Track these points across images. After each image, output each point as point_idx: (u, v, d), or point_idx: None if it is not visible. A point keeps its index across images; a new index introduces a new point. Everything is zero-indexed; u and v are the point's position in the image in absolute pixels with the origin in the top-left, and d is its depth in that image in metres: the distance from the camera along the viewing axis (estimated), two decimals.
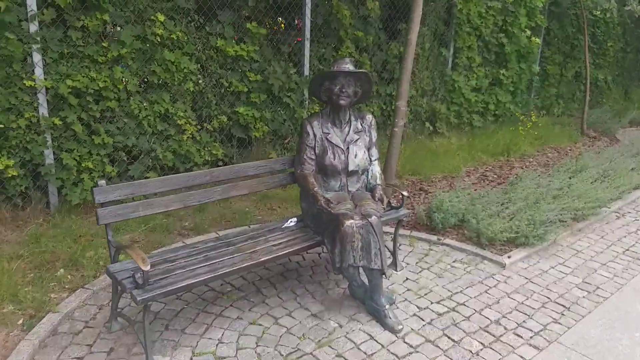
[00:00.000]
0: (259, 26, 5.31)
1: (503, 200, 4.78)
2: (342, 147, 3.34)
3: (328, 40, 6.08)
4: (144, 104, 4.69)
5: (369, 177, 3.43)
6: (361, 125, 3.44)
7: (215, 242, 3.07)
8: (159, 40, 4.62)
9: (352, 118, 3.43)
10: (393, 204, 3.77)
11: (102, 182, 2.73)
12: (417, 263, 3.98)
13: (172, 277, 2.61)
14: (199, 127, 5.12)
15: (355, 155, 3.34)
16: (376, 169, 3.45)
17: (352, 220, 2.96)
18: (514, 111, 8.76)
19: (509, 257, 4.08)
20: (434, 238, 4.34)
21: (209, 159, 5.22)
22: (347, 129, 3.40)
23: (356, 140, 3.38)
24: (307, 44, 5.78)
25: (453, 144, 7.37)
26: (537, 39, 8.33)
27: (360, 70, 3.27)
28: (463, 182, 5.94)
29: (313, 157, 3.35)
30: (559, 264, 4.14)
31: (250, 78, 5.33)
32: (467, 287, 3.66)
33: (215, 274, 2.67)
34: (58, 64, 4.20)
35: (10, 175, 4.11)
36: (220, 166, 5.43)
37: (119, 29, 4.46)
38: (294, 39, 5.81)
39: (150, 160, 4.88)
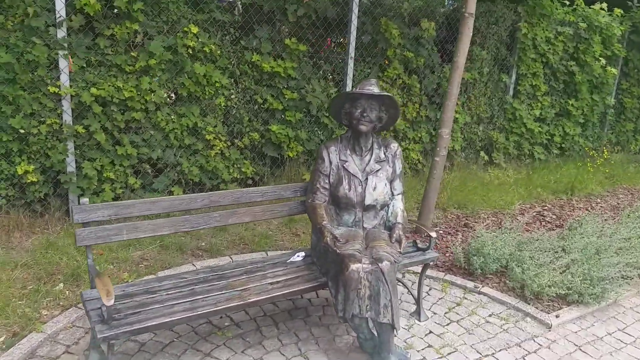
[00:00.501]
0: (298, 42, 5.04)
1: (557, 248, 4.16)
2: (360, 178, 2.94)
3: (375, 60, 5.72)
4: (172, 117, 4.52)
5: (389, 213, 3.00)
6: (384, 154, 3.03)
7: (207, 273, 2.75)
8: (191, 52, 4.45)
9: (375, 146, 3.04)
10: (420, 245, 3.31)
11: (85, 200, 2.49)
12: (445, 313, 3.47)
13: (144, 313, 2.31)
14: (228, 143, 4.89)
15: (375, 187, 2.94)
16: (398, 205, 3.02)
17: (359, 264, 2.55)
18: (584, 145, 7.96)
19: (557, 316, 3.48)
20: (471, 285, 3.81)
21: (238, 177, 4.97)
22: (367, 157, 3.01)
23: (377, 170, 2.97)
24: (351, 63, 5.44)
25: (510, 176, 6.73)
26: (613, 69, 7.54)
27: (384, 94, 2.88)
28: (515, 221, 5.33)
29: (327, 186, 2.98)
30: (618, 329, 3.49)
31: (286, 96, 5.06)
32: (500, 350, 3.12)
33: (194, 313, 2.34)
34: (85, 71, 4.11)
35: (29, 181, 4.03)
36: (250, 185, 5.19)
37: (149, 39, 4.32)
38: (337, 57, 5.49)
39: (176, 174, 4.69)
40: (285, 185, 3.08)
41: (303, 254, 3.06)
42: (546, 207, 5.92)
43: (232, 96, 4.82)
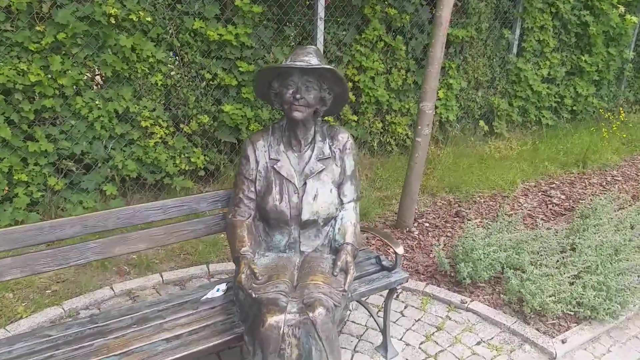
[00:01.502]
0: (252, 3, 4.18)
1: (565, 246, 3.40)
2: (296, 183, 2.18)
3: (350, 20, 4.84)
4: (97, 102, 3.75)
5: (336, 229, 2.24)
6: (330, 148, 2.26)
7: (83, 326, 2.04)
8: (113, 21, 3.63)
9: (318, 137, 2.26)
10: (384, 263, 2.56)
11: None
12: (422, 343, 2.76)
13: None
14: (172, 129, 4.12)
15: (316, 195, 2.17)
16: (349, 217, 2.25)
17: (280, 316, 1.82)
18: (598, 106, 7.05)
19: (563, 341, 2.76)
20: (457, 299, 3.08)
21: (187, 168, 4.22)
22: (307, 154, 2.23)
23: (319, 172, 2.21)
24: (321, 24, 4.58)
25: (513, 149, 5.90)
26: (633, 17, 6.55)
27: (323, 66, 2.08)
28: (516, 205, 4.55)
29: (252, 195, 2.22)
30: None
31: (240, 68, 4.25)
32: None
33: None
34: None
35: None
36: (203, 178, 4.45)
37: (58, 8, 3.51)
38: (303, 18, 4.63)
39: (109, 169, 3.96)
40: (199, 196, 2.33)
41: (225, 286, 2.33)
42: (554, 185, 5.11)
43: (172, 72, 4.02)
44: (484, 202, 4.60)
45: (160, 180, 4.17)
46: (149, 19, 3.74)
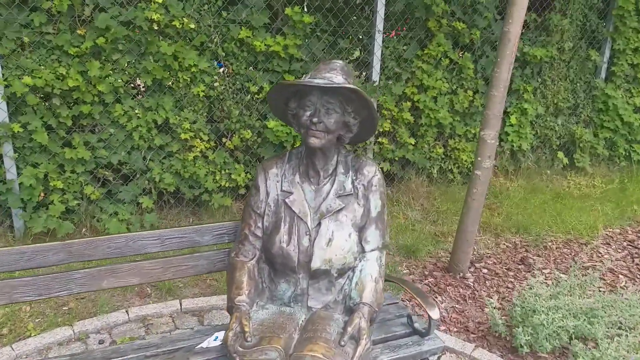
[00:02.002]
0: (303, 12, 3.90)
1: None
2: (309, 222, 1.81)
3: (412, 33, 4.43)
4: (136, 111, 3.60)
5: (353, 283, 1.84)
6: (353, 184, 1.87)
7: None
8: (156, 27, 3.47)
9: (340, 169, 1.88)
10: (417, 325, 2.12)
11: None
12: None
13: None
14: (212, 143, 3.90)
15: (330, 240, 1.79)
16: (370, 269, 1.84)
17: None
18: None
19: None
20: None
21: (227, 185, 3.98)
22: (326, 188, 1.86)
23: (338, 210, 1.82)
24: (379, 38, 4.22)
25: (596, 186, 5.18)
26: None
27: (345, 86, 1.71)
28: (595, 256, 3.90)
29: (259, 233, 1.88)
30: None
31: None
32: None
33: None
34: (20, 55, 3.28)
35: None
36: (244, 195, 4.19)
37: (101, 12, 3.40)
38: (359, 30, 4.28)
39: (146, 182, 3.79)
40: (203, 227, 2.02)
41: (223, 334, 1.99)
42: None
43: (216, 84, 3.81)
44: (556, 248, 3.98)
45: (199, 196, 3.95)
46: (192, 25, 3.54)
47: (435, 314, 1.98)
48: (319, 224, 1.82)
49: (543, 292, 2.79)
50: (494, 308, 2.79)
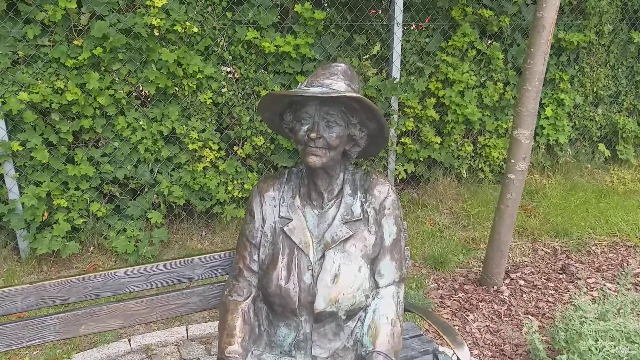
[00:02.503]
0: (316, 7, 3.63)
1: None
2: (311, 255, 1.55)
3: (434, 24, 4.11)
4: (140, 122, 3.40)
5: (365, 326, 1.57)
6: (362, 207, 1.59)
7: None
8: (157, 33, 3.26)
9: (347, 190, 1.61)
10: None
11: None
12: None
13: None
14: (223, 152, 3.68)
15: (336, 275, 1.53)
16: (386, 309, 1.56)
17: None
18: None
19: None
20: None
21: (241, 196, 3.76)
22: (331, 212, 1.59)
23: (345, 240, 1.55)
24: (398, 31, 3.91)
25: None
26: None
27: (345, 94, 1.43)
28: None
29: (256, 267, 1.63)
30: None
31: (298, 83, 3.70)
32: None
33: None
34: (15, 70, 3.13)
35: None
36: None
37: (99, 20, 3.21)
38: (377, 24, 3.98)
39: (155, 195, 3.61)
40: (193, 259, 1.77)
41: None
42: None
43: (224, 90, 3.58)
44: (601, 253, 3.60)
45: (210, 209, 3.74)
46: (195, 29, 3.32)
47: (464, 354, 1.69)
48: (323, 256, 1.55)
49: (589, 310, 2.46)
50: (534, 331, 2.47)
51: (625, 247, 3.68)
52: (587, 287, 3.17)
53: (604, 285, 3.24)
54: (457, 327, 2.84)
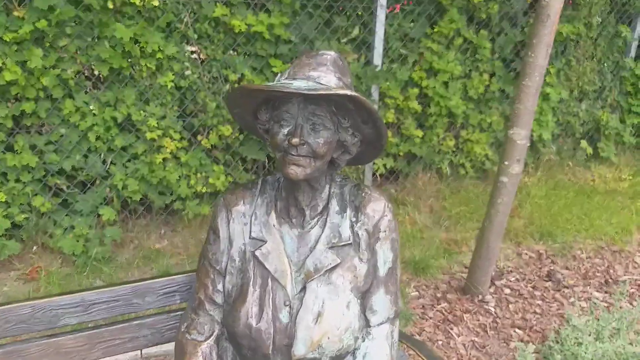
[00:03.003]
0: None
1: None
2: (288, 287, 1.25)
3: (421, 8, 3.81)
4: (91, 107, 3.01)
5: None
6: (353, 228, 1.29)
7: None
8: (111, 6, 2.85)
9: (334, 206, 1.31)
10: None
11: None
12: None
13: None
14: (185, 142, 3.32)
15: (320, 313, 1.24)
16: (379, 352, 1.28)
17: None
18: None
19: None
20: None
21: (205, 191, 3.41)
22: (314, 233, 1.29)
23: (332, 268, 1.26)
24: (382, 13, 3.60)
25: (623, 179, 4.62)
26: None
27: (338, 92, 1.12)
28: (631, 267, 3.37)
29: (219, 299, 1.32)
30: None
31: (275, 68, 3.36)
32: None
33: None
34: None
35: None
36: None
37: None
38: (359, 5, 3.65)
39: (108, 190, 3.22)
40: (144, 284, 1.45)
41: None
42: None
43: (187, 72, 3.20)
44: (586, 258, 3.44)
45: (171, 204, 3.39)
46: (155, 3, 2.92)
47: None
48: (304, 288, 1.26)
49: (584, 330, 2.26)
50: (528, 353, 2.25)
51: (610, 252, 3.53)
52: (574, 297, 2.99)
53: (591, 294, 3.07)
54: (440, 342, 2.62)
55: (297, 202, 1.30)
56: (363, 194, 1.32)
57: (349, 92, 1.11)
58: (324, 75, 1.19)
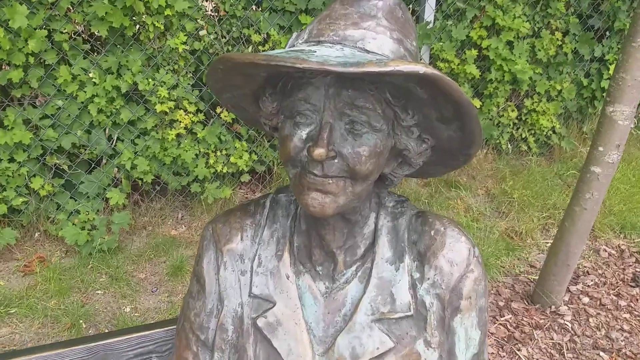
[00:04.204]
0: None
1: None
2: None
3: None
4: (91, 74, 2.56)
5: None
6: (415, 288, 0.79)
7: None
8: None
9: (385, 246, 0.81)
10: None
11: None
12: None
13: None
14: (202, 115, 2.86)
15: None
16: None
17: None
18: None
19: None
20: None
21: (225, 171, 2.97)
22: (350, 291, 0.80)
23: (379, 356, 0.77)
24: None
25: None
26: None
27: (404, 69, 0.59)
28: None
29: None
30: None
31: (303, 25, 2.81)
32: None
33: None
34: None
35: None
36: (248, 182, 3.18)
37: None
38: None
39: (116, 170, 2.82)
40: (114, 341, 1.01)
41: None
42: None
43: (203, 32, 2.70)
44: None
45: (187, 186, 2.96)
46: None
47: None
48: None
49: None
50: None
51: None
52: None
53: None
54: None
55: (323, 242, 0.81)
56: (432, 232, 0.81)
57: (422, 68, 0.59)
58: (372, 35, 0.68)
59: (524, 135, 3.65)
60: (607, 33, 3.67)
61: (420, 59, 0.75)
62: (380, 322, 0.78)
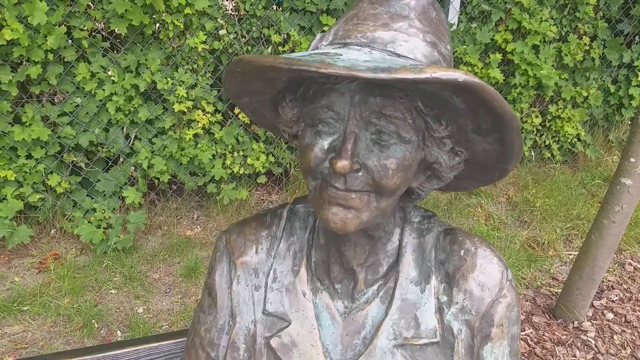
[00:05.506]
0: None
1: None
2: None
3: None
4: (110, 72, 2.55)
5: None
6: (442, 312, 0.74)
7: None
8: None
9: (410, 265, 0.75)
10: None
11: None
12: None
13: None
14: (220, 116, 2.82)
15: None
16: None
17: None
18: None
19: None
20: None
21: (242, 172, 2.93)
22: (371, 312, 0.75)
23: None
24: None
25: None
26: None
27: (443, 76, 0.52)
28: None
29: None
30: None
31: (326, 28, 2.76)
32: None
33: None
34: None
35: None
36: (265, 184, 3.14)
37: None
38: None
39: (133, 168, 2.81)
40: (114, 353, 0.98)
41: None
42: None
43: (222, 31, 2.67)
44: None
45: (204, 187, 2.94)
46: None
47: None
48: None
49: None
50: None
51: None
52: None
53: None
54: None
55: (343, 259, 0.75)
56: (462, 252, 0.75)
57: (461, 75, 0.53)
58: (404, 37, 0.62)
59: (547, 142, 3.55)
60: (637, 38, 3.55)
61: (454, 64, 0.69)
62: (403, 348, 0.73)
